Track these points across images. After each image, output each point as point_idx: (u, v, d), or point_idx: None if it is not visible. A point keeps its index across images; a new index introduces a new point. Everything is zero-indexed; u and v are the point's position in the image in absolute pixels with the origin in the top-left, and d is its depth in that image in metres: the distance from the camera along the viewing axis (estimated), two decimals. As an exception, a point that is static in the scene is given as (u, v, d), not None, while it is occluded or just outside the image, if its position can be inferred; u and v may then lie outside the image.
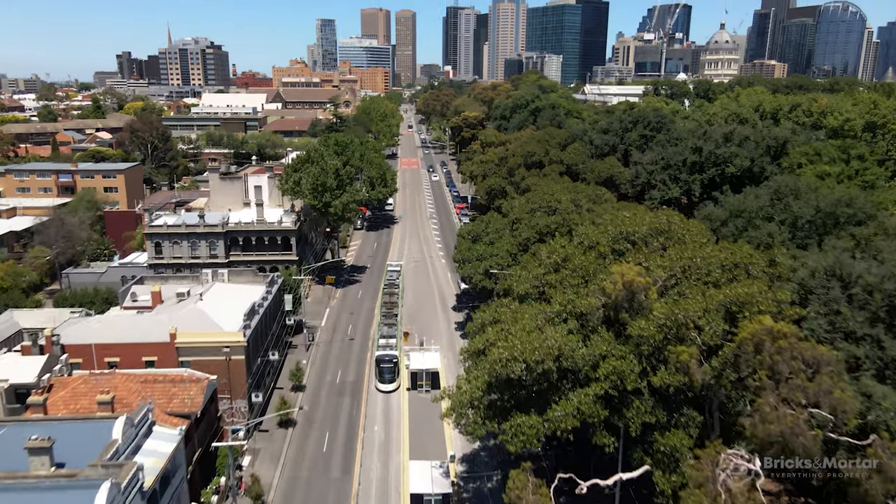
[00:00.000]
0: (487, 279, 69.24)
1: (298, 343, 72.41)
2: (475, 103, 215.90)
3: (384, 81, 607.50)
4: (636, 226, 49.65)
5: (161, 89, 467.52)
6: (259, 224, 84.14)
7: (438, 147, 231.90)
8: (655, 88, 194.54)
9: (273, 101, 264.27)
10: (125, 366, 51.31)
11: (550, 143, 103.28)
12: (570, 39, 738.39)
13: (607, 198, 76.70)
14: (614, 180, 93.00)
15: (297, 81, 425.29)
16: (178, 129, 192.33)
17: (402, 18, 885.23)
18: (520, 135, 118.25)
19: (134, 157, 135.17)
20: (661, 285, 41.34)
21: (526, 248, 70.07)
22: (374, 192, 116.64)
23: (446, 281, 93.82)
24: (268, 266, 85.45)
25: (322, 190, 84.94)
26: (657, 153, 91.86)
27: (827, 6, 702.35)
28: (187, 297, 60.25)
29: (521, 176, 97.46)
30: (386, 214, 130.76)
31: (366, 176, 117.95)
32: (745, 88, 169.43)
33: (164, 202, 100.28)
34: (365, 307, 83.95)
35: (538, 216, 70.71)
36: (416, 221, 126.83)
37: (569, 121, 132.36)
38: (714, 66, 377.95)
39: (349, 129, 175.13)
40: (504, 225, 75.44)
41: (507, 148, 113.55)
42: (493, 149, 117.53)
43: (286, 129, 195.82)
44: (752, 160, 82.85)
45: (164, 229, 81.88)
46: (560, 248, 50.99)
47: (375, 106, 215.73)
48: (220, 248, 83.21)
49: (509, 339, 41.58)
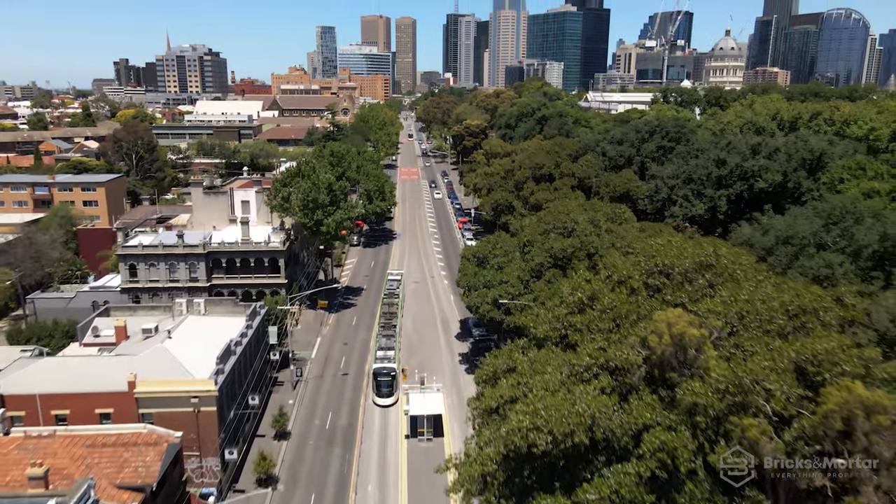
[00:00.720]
0: (496, 310, 61.79)
1: (285, 379, 64.87)
2: (477, 111, 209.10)
3: (384, 89, 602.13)
4: (674, 257, 42.20)
5: (158, 96, 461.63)
6: (244, 244, 76.74)
7: (439, 156, 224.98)
8: (665, 96, 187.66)
9: (270, 109, 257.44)
10: (76, 420, 43.80)
11: (560, 154, 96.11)
12: (571, 46, 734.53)
13: (627, 216, 69.41)
14: (631, 195, 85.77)
15: (296, 89, 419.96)
16: (169, 138, 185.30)
17: (403, 26, 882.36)
18: (527, 145, 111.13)
19: (119, 167, 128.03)
20: (717, 337, 33.90)
21: (539, 275, 62.79)
22: (372, 206, 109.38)
23: (449, 304, 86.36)
24: (254, 290, 78.06)
25: (313, 207, 77.61)
26: (678, 166, 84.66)
27: (830, 13, 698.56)
28: (154, 334, 52.80)
29: (529, 190, 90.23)
30: (384, 229, 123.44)
31: (363, 189, 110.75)
32: (760, 96, 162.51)
33: (144, 218, 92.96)
34: (360, 337, 76.40)
35: (552, 238, 63.38)
36: (417, 236, 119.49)
37: (576, 129, 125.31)
38: (719, 73, 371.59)
39: (346, 137, 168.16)
40: (513, 247, 68.04)
41: (514, 159, 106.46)
42: (498, 160, 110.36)
43: (282, 137, 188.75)
44: (786, 174, 75.63)
45: (139, 250, 74.49)
46: (584, 283, 43.54)
47: (374, 114, 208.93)
48: (202, 271, 75.77)
49: (530, 401, 34.19)
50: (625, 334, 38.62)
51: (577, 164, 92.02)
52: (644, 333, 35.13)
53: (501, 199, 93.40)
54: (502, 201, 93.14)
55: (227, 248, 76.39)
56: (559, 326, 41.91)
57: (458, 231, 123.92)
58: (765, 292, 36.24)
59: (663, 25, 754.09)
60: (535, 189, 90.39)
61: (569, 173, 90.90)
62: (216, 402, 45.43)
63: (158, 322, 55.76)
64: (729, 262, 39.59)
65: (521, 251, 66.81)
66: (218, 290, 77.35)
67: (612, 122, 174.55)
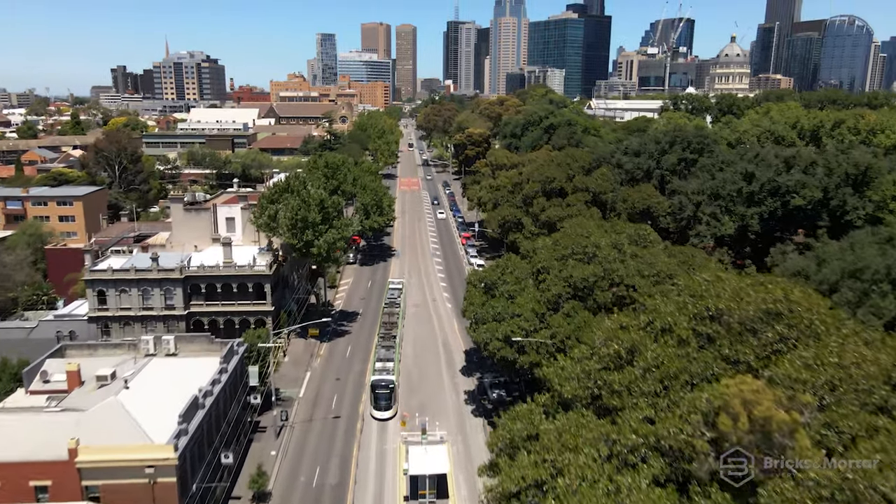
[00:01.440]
0: (508, 348, 54.24)
1: (267, 424, 57.22)
2: (479, 119, 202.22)
3: (384, 96, 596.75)
4: (729, 299, 34.76)
5: (155, 104, 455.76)
6: (226, 268, 69.25)
7: (440, 166, 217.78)
8: (675, 103, 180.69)
9: (266, 117, 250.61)
10: (6, 496, 36.25)
11: (572, 166, 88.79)
12: (572, 53, 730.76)
13: (653, 238, 61.98)
14: (651, 212, 78.38)
15: (295, 96, 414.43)
16: (159, 147, 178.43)
17: (403, 33, 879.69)
18: (534, 156, 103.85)
19: (101, 179, 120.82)
20: (808, 418, 26.35)
21: (557, 307, 55.31)
22: (369, 221, 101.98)
23: (452, 331, 78.79)
24: (236, 318, 70.53)
25: (302, 226, 70.15)
26: (703, 180, 77.29)
27: (833, 20, 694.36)
28: (110, 382, 45.22)
29: (540, 206, 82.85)
30: (383, 245, 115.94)
31: (359, 203, 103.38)
32: (776, 103, 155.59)
33: (120, 236, 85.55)
34: (355, 370, 68.77)
35: (571, 265, 55.94)
36: (417, 253, 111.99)
37: (586, 139, 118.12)
38: (725, 80, 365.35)
39: (344, 146, 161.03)
40: (526, 272, 60.51)
41: (521, 171, 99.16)
42: (504, 172, 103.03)
43: (277, 146, 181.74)
44: (826, 191, 68.26)
45: (108, 275, 67.01)
46: (620, 330, 36.09)
47: (373, 122, 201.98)
48: (178, 298, 68.27)
49: (562, 492, 26.80)
50: (675, 400, 31.11)
51: (592, 178, 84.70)
52: (706, 407, 27.57)
53: (509, 215, 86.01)
54: (510, 218, 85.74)
55: (206, 272, 68.89)
56: (591, 385, 34.40)
57: (460, 247, 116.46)
58: (857, 352, 28.73)
59: (665, 32, 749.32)
60: (546, 205, 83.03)
61: (582, 188, 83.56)
62: (176, 471, 37.83)
63: (118, 365, 48.21)
64: (804, 311, 32.04)
65: (535, 278, 59.35)
66: (197, 318, 69.89)
67: (621, 130, 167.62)
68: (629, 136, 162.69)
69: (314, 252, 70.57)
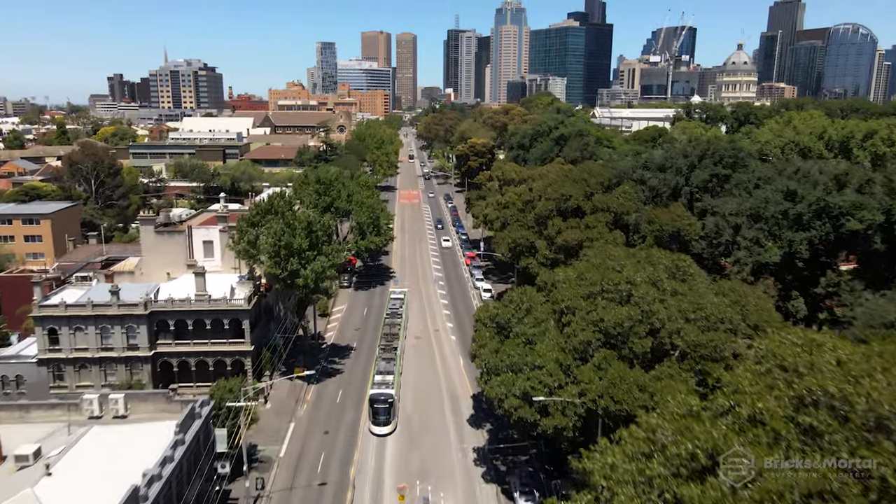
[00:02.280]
0: (527, 407, 45.17)
1: (239, 496, 48.04)
2: (482, 128, 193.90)
3: (384, 104, 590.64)
4: (842, 379, 25.72)
5: (151, 112, 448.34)
6: (198, 301, 60.25)
7: (442, 177, 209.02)
8: (688, 112, 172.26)
9: (261, 126, 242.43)
10: None
11: (590, 182, 79.89)
12: (573, 62, 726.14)
13: (693, 270, 53.00)
14: (682, 236, 69.42)
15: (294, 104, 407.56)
16: (147, 158, 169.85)
17: (403, 41, 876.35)
18: (546, 170, 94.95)
19: (78, 194, 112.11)
20: None
21: (585, 357, 46.33)
22: (365, 241, 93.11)
23: (457, 369, 69.71)
24: (210, 359, 61.49)
25: (287, 254, 61.17)
26: (742, 199, 68.42)
27: (837, 28, 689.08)
28: (32, 463, 36.12)
29: (555, 228, 73.92)
30: (380, 266, 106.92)
31: (354, 222, 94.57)
32: (798, 112, 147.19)
33: (86, 261, 76.73)
34: (346, 419, 59.62)
35: (601, 305, 46.95)
36: (417, 275, 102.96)
37: (599, 151, 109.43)
38: (732, 88, 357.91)
39: (340, 158, 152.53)
40: (546, 312, 51.47)
41: (531, 187, 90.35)
42: (513, 188, 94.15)
43: (270, 157, 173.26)
44: (889, 213, 59.41)
45: (61, 310, 58.05)
46: (693, 419, 27.02)
47: (372, 131, 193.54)
48: (143, 336, 59.25)
49: None
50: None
51: (613, 196, 75.81)
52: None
53: (521, 237, 77.07)
54: (522, 241, 76.80)
55: (175, 306, 59.87)
56: (658, 501, 25.26)
57: (464, 268, 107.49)
58: None
59: (667, 41, 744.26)
60: (563, 226, 74.10)
61: (603, 207, 74.65)
62: None
63: (49, 437, 39.15)
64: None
65: (558, 319, 50.34)
66: (165, 360, 60.84)
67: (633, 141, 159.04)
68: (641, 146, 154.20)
69: (300, 283, 61.53)
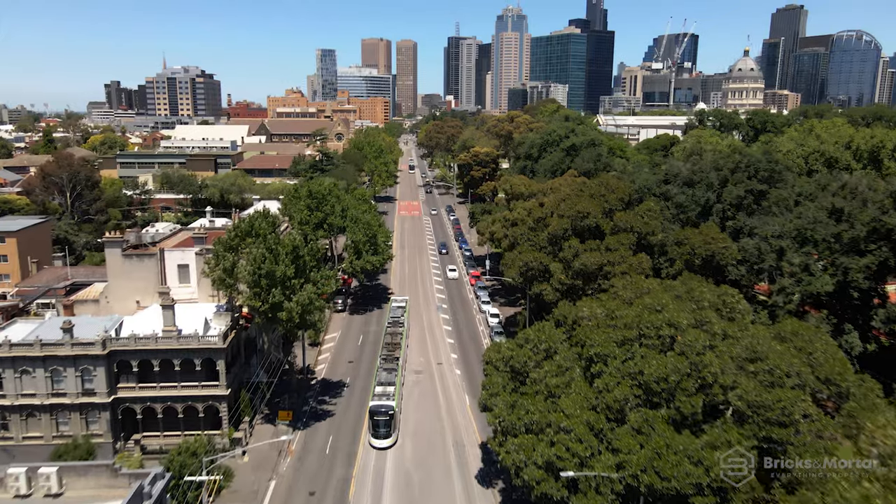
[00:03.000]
0: (552, 480, 37.17)
1: (204, 582, 39.95)
2: (486, 137, 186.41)
3: (384, 112, 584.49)
4: None
5: (147, 120, 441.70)
6: (165, 339, 52.32)
7: (443, 187, 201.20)
8: (700, 119, 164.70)
9: (257, 134, 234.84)
10: None
11: (609, 198, 72.13)
12: (575, 69, 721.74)
13: (742, 307, 45.16)
14: (717, 261, 61.53)
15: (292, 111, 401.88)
16: (135, 168, 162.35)
17: (403, 48, 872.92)
18: (558, 183, 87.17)
19: (54, 207, 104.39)
20: None
21: (622, 418, 38.38)
22: (361, 261, 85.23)
23: (463, 412, 61.68)
24: (179, 405, 53.46)
25: (269, 283, 53.29)
26: (785, 219, 60.61)
27: (840, 35, 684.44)
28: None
29: (572, 251, 65.97)
30: (378, 287, 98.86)
31: (349, 240, 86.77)
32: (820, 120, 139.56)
33: (48, 286, 68.86)
34: (336, 475, 51.44)
35: (638, 353, 39.18)
36: (418, 297, 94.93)
37: (613, 162, 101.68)
38: (738, 95, 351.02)
39: (336, 168, 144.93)
40: (571, 358, 43.50)
41: (542, 202, 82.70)
42: (522, 203, 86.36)
43: (264, 166, 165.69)
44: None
45: (4, 350, 50.11)
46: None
47: (370, 139, 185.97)
48: (101, 380, 51.29)
49: None
50: None
51: (635, 214, 67.97)
52: None
53: (533, 260, 69.13)
54: (534, 264, 68.86)
55: (139, 344, 51.95)
56: None
57: (468, 287, 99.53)
58: None
59: (669, 48, 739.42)
60: (580, 248, 66.21)
61: (625, 227, 66.78)
62: None
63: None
64: None
65: (586, 367, 42.41)
66: (126, 406, 52.86)
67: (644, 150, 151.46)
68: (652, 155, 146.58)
69: (283, 317, 53.56)
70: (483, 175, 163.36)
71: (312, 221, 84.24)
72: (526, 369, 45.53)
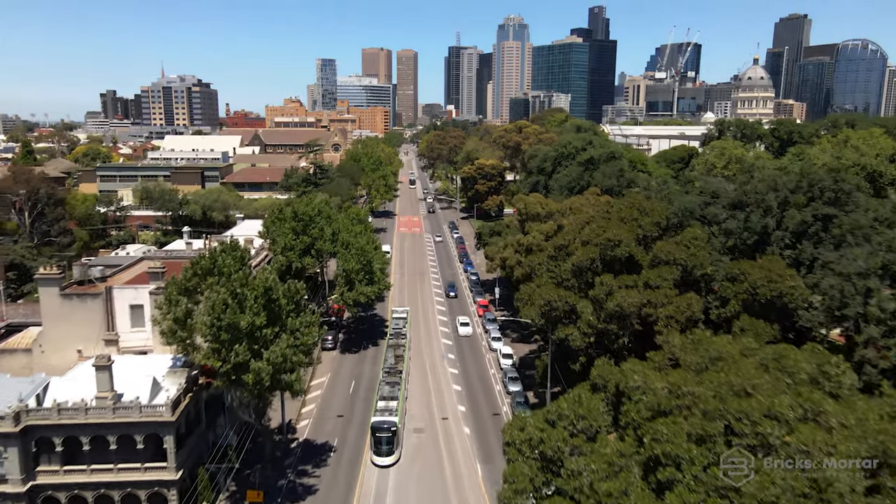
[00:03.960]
0: None
1: None
2: (490, 148, 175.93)
3: (384, 121, 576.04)
4: None
5: (142, 130, 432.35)
6: (98, 410, 41.23)
7: (445, 201, 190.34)
8: (721, 129, 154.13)
9: (250, 144, 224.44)
10: None
11: (643, 222, 61.24)
12: (577, 78, 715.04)
13: (848, 381, 34.08)
14: (784, 303, 50.44)
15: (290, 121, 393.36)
16: (116, 181, 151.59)
17: (404, 58, 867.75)
18: (579, 203, 76.29)
19: (12, 226, 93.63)
20: None
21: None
22: (354, 293, 74.25)
23: (474, 486, 50.42)
24: (117, 493, 42.26)
25: (231, 339, 42.21)
26: (868, 251, 49.64)
27: (846, 44, 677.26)
28: None
29: (604, 289, 54.88)
30: (374, 318, 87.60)
31: (341, 268, 75.87)
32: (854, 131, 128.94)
33: (-22, 329, 57.73)
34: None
35: (727, 459, 28.12)
36: (419, 331, 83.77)
37: (636, 177, 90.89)
38: (748, 105, 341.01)
39: (331, 182, 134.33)
40: (627, 450, 32.38)
41: (561, 223, 71.95)
42: (537, 224, 75.50)
43: (254, 180, 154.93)
44: None
45: None
46: None
47: (368, 150, 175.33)
48: (13, 462, 40.18)
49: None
50: None
51: (678, 244, 56.97)
52: None
53: (557, 299, 58.06)
54: (558, 304, 57.80)
55: (65, 417, 40.87)
56: None
57: (476, 319, 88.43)
58: None
59: (673, 57, 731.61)
60: (613, 285, 55.17)
61: (666, 259, 55.81)
62: None
63: None
64: None
65: (648, 467, 31.32)
66: (49, 495, 41.65)
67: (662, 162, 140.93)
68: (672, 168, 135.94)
69: (249, 380, 42.45)
70: (488, 189, 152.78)
71: (298, 247, 73.41)
72: (560, 456, 34.63)
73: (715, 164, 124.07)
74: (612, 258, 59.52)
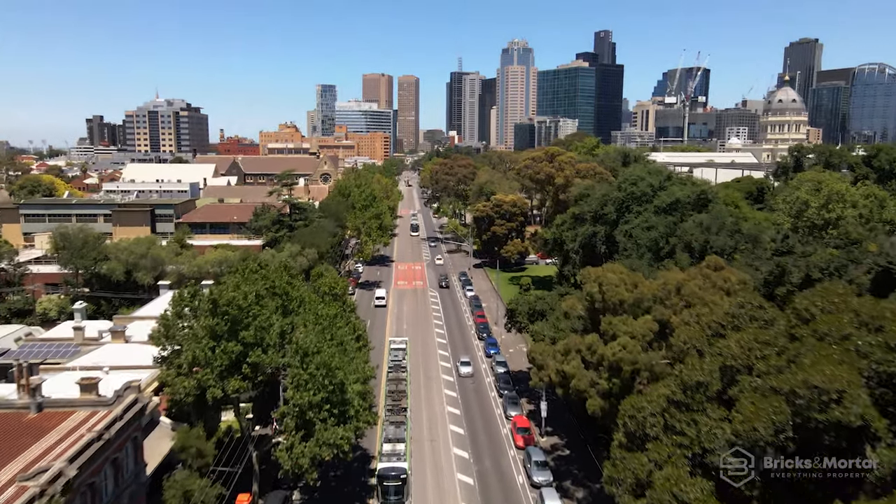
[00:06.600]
0: None
1: None
2: (507, 180, 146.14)
3: (384, 147, 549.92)
4: None
5: (126, 156, 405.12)
6: None
7: (453, 242, 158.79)
8: (798, 157, 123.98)
9: (227, 174, 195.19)
10: None
11: (870, 347, 30.35)
12: (583, 103, 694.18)
13: None
14: None
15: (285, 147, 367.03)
16: (45, 221, 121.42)
17: (405, 83, 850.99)
18: (693, 287, 45.10)
19: None
20: None
21: None
22: (311, 445, 42.77)
23: None
24: None
25: None
26: None
27: (862, 68, 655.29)
28: None
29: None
30: (352, 468, 55.78)
31: (293, 402, 44.26)
32: None
33: None
34: None
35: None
36: (424, 466, 52.20)
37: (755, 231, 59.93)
38: (779, 129, 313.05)
39: (311, 224, 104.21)
40: None
41: (670, 321, 41.66)
42: (623, 321, 44.43)
43: (218, 219, 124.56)
44: None
45: None
46: None
47: (361, 182, 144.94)
48: None
49: None
50: None
51: None
52: None
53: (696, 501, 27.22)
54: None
55: None
56: None
57: (508, 441, 56.70)
58: None
59: (682, 81, 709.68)
60: None
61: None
62: None
63: None
64: None
65: None
66: None
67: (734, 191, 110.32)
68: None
69: None
70: (508, 231, 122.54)
71: (217, 362, 42.26)
72: None
73: (808, 203, 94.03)
74: (822, 426, 28.53)
